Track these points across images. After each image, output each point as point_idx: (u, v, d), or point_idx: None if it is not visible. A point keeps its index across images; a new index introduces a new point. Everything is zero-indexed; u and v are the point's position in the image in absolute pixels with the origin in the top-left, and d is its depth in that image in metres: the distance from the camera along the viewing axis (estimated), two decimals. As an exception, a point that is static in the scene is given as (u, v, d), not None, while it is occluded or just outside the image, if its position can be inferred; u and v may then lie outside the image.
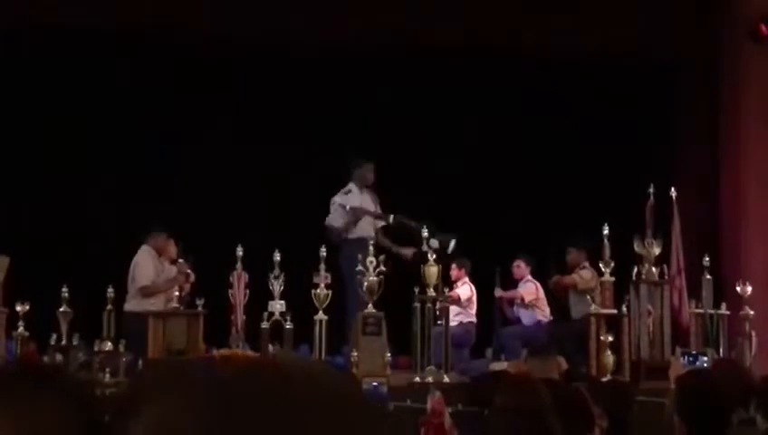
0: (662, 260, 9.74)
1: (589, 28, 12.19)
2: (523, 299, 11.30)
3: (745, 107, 11.99)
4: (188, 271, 9.91)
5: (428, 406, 6.03)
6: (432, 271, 9.28)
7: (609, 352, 9.21)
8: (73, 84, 11.93)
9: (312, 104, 12.23)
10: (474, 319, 11.25)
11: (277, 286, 9.14)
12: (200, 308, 9.13)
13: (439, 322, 9.50)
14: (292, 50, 12.21)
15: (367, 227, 10.23)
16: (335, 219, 10.24)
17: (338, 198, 10.32)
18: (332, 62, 12.24)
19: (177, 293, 9.55)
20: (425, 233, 9.53)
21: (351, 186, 10.38)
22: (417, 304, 9.27)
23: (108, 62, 11.97)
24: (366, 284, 9.02)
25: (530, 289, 11.32)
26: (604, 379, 8.21)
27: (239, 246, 9.17)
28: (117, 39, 11.86)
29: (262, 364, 0.92)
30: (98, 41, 11.85)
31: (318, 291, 9.12)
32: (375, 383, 5.76)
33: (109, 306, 9.39)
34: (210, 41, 12.11)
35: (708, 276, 9.74)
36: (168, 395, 0.89)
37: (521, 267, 11.44)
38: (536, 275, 11.38)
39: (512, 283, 11.51)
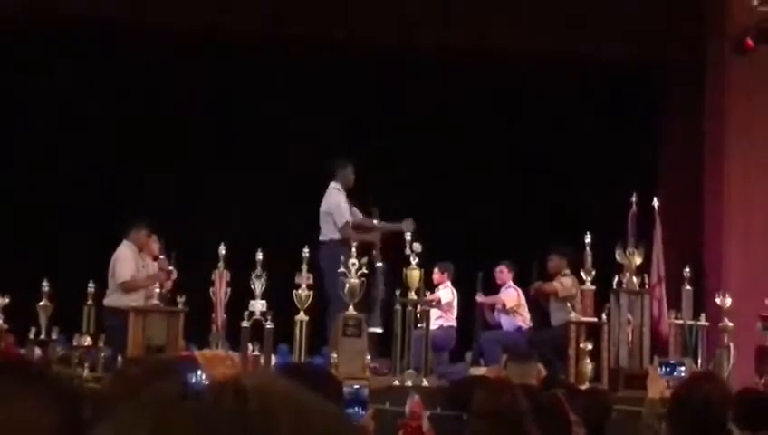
0: (643, 269, 9.77)
1: (575, 35, 12.19)
2: (504, 305, 11.32)
3: (728, 115, 12.02)
4: (170, 268, 9.88)
5: (407, 409, 6.03)
6: (414, 274, 9.27)
7: (587, 360, 9.23)
8: (55, 77, 11.89)
9: (296, 104, 12.23)
10: (454, 323, 11.26)
11: (259, 286, 9.11)
12: (181, 305, 9.10)
13: (420, 325, 9.50)
14: (291, 50, 12.22)
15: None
16: (343, 215, 10.04)
17: (334, 199, 10.13)
18: (319, 62, 12.24)
19: (157, 289, 9.52)
20: (407, 236, 9.52)
21: (336, 185, 10.27)
22: (398, 307, 9.27)
23: (98, 55, 11.94)
24: (347, 285, 8.99)
25: (511, 295, 11.34)
26: (582, 386, 8.22)
27: (221, 244, 9.14)
28: (117, 36, 11.83)
29: (229, 387, 0.87)
30: (97, 36, 11.82)
31: (299, 291, 9.10)
32: (356, 386, 5.74)
33: (89, 301, 9.36)
34: (207, 39, 12.12)
35: (688, 287, 9.77)
36: (126, 407, 0.86)
37: (503, 273, 11.45)
38: (518, 281, 11.40)
39: (494, 288, 11.53)
